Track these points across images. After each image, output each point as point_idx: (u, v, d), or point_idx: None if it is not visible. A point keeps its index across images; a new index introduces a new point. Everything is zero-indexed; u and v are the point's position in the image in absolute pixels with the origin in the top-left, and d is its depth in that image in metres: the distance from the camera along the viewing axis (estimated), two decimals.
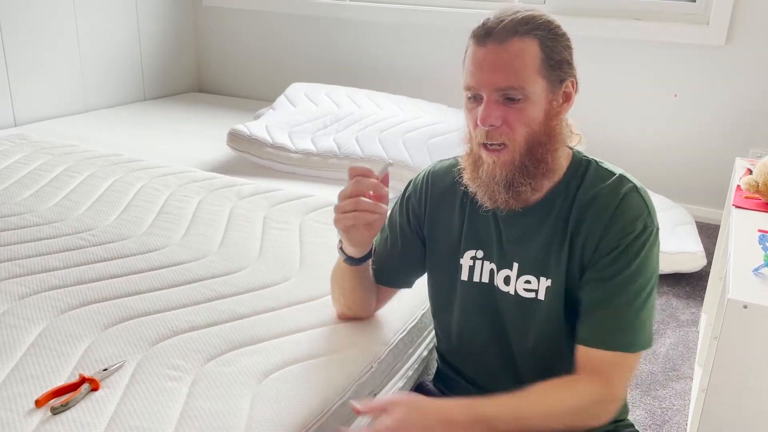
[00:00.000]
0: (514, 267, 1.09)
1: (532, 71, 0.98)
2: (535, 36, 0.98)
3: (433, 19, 3.43)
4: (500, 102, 0.99)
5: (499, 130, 0.99)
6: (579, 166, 1.07)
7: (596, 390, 1.00)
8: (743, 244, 1.41)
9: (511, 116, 0.99)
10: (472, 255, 1.13)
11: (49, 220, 1.83)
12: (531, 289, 1.08)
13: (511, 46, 0.97)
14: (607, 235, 1.01)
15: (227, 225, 1.85)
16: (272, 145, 2.65)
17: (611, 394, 1.00)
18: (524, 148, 1.00)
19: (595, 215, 1.02)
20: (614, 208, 1.01)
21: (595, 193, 1.03)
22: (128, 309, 1.38)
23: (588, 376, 1.01)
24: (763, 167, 1.65)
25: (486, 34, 0.99)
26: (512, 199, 1.03)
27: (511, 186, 1.02)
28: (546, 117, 1.01)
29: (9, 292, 1.42)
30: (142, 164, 2.35)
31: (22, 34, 3.10)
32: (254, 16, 3.95)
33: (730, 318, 1.16)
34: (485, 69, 0.98)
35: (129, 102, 3.75)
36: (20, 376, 1.15)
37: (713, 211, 3.13)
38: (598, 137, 3.24)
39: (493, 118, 0.98)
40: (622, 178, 1.04)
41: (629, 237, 1.00)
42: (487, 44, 0.98)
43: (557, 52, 1.00)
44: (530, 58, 0.98)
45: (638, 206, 1.01)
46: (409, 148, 2.60)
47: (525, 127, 0.99)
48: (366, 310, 1.32)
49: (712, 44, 2.95)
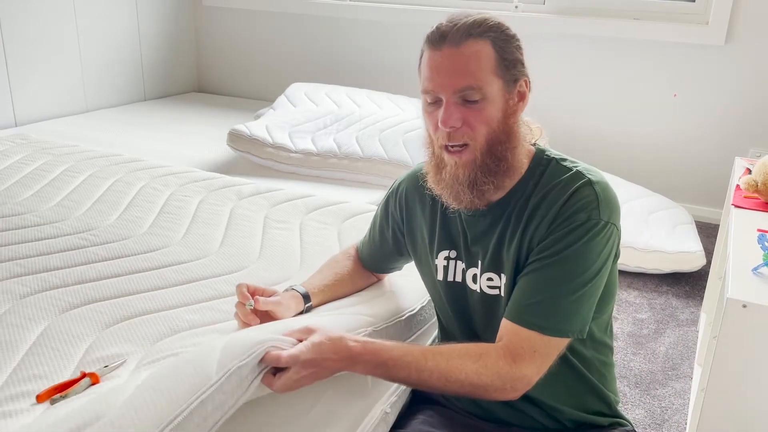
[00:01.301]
0: (478, 265, 1.12)
1: (488, 71, 1.00)
2: (487, 37, 1.01)
3: (434, 19, 3.43)
4: (459, 104, 1.01)
5: (460, 131, 1.02)
6: (539, 165, 1.09)
7: (503, 366, 1.00)
8: (742, 243, 1.41)
9: (471, 117, 1.01)
10: (446, 255, 1.16)
11: (50, 220, 1.84)
12: (494, 286, 1.11)
13: (465, 48, 1.00)
14: (553, 227, 1.02)
15: (228, 225, 1.86)
16: (272, 145, 2.65)
17: (517, 372, 1.00)
18: (485, 147, 1.03)
19: (545, 209, 1.04)
20: (564, 201, 1.02)
21: (549, 188, 1.05)
22: (129, 308, 1.38)
23: (500, 350, 1.01)
24: (763, 167, 1.65)
25: (441, 37, 1.01)
26: (476, 199, 1.05)
27: (474, 185, 1.04)
28: (504, 116, 1.03)
29: (10, 292, 1.42)
30: (142, 164, 2.35)
31: (22, 34, 3.10)
32: (254, 15, 3.95)
33: (730, 317, 1.16)
34: (442, 72, 1.01)
35: (129, 102, 3.75)
36: (22, 376, 1.15)
37: (713, 210, 3.14)
38: (597, 136, 3.25)
39: (453, 120, 1.01)
40: (578, 173, 1.05)
41: (570, 225, 1.01)
42: (442, 48, 1.01)
43: (509, 52, 1.03)
44: (485, 58, 1.00)
45: (587, 198, 1.02)
46: (410, 148, 2.61)
47: (485, 126, 1.01)
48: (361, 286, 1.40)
49: (712, 44, 2.95)
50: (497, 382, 1.00)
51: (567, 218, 1.02)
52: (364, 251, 1.37)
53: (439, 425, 1.18)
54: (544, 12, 3.26)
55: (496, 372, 1.00)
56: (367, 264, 1.37)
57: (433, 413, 1.21)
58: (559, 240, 1.01)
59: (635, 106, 3.18)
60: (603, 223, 1.02)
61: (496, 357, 1.01)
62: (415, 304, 1.43)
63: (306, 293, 1.25)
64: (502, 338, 1.03)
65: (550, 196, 1.04)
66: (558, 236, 1.01)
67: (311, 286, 1.28)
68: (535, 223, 1.04)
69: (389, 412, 1.25)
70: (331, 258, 1.40)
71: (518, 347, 1.01)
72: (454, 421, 1.18)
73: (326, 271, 1.34)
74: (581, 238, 1.00)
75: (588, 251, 1.01)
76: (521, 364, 1.00)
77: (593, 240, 1.01)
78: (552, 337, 1.01)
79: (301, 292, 1.24)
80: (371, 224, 1.36)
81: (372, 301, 1.34)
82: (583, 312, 1.03)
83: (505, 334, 1.03)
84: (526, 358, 1.01)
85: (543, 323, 1.01)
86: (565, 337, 1.02)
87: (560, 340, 1.02)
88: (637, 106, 3.17)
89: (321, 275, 1.33)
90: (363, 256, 1.37)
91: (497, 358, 1.01)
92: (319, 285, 1.29)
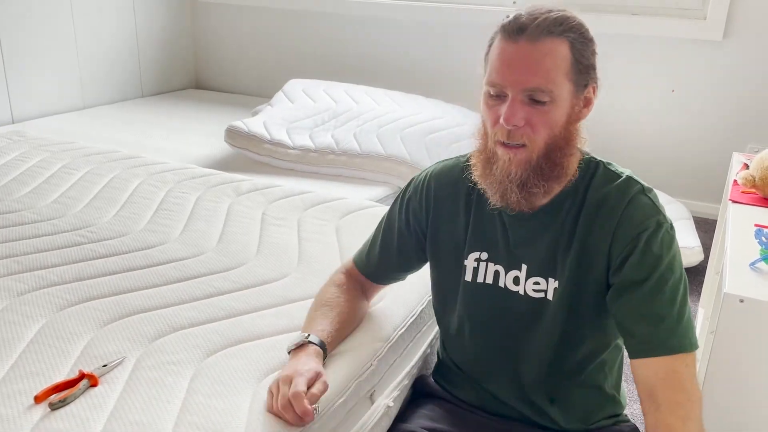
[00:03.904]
0: (522, 268, 1.09)
1: (561, 74, 0.96)
2: (567, 38, 0.96)
3: (432, 16, 3.43)
4: (525, 102, 0.96)
5: (521, 131, 0.97)
6: (588, 169, 1.06)
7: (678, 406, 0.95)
8: (740, 238, 1.41)
9: (535, 118, 0.96)
10: (476, 257, 1.12)
11: (47, 217, 1.83)
12: (540, 290, 1.08)
13: (543, 46, 0.95)
14: (618, 237, 1.00)
15: (225, 221, 1.86)
16: (270, 142, 2.65)
17: (696, 400, 0.96)
18: (543, 150, 0.99)
19: (603, 217, 1.01)
20: (622, 209, 1.00)
21: (604, 194, 1.03)
22: (127, 305, 1.38)
23: (670, 402, 0.95)
24: (760, 162, 1.65)
25: (519, 30, 0.96)
26: (524, 200, 1.01)
27: (524, 186, 1.00)
28: (567, 121, 0.99)
29: (8, 289, 1.42)
30: (139, 161, 2.35)
31: (19, 30, 3.09)
32: (251, 12, 3.94)
33: (727, 312, 1.16)
34: (514, 67, 0.95)
35: (126, 99, 3.74)
36: (20, 373, 1.15)
37: (710, 206, 3.14)
38: (595, 132, 3.24)
39: (517, 118, 0.96)
40: (630, 179, 1.04)
41: (644, 236, 0.98)
42: (518, 41, 0.95)
43: (586, 56, 0.99)
44: (561, 59, 0.96)
45: (647, 206, 1.01)
46: (408, 144, 2.60)
47: (547, 129, 0.97)
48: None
49: (710, 39, 2.95)
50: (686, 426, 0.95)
51: (634, 228, 0.99)
52: (368, 261, 1.26)
53: (441, 419, 1.18)
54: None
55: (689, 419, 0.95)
56: (371, 273, 1.27)
57: (435, 407, 1.22)
58: (643, 256, 0.98)
59: (633, 101, 3.17)
60: (670, 226, 1.01)
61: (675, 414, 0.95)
62: (416, 307, 1.43)
63: (322, 344, 1.14)
64: (656, 386, 0.96)
65: (606, 203, 1.02)
66: (640, 253, 0.98)
67: (324, 334, 1.16)
68: (596, 231, 1.02)
69: (392, 405, 1.26)
70: (327, 294, 1.25)
71: (681, 378, 0.96)
72: (455, 414, 1.19)
73: (329, 314, 1.20)
74: (662, 246, 0.98)
75: (675, 256, 1.00)
76: (693, 391, 0.96)
77: (672, 244, 1.00)
78: (693, 352, 0.98)
79: (317, 342, 1.13)
80: (379, 229, 1.26)
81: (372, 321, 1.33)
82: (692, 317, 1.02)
83: (657, 376, 0.97)
84: (691, 380, 0.97)
85: (685, 341, 0.97)
86: (697, 348, 0.99)
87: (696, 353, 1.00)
88: (634, 101, 3.17)
89: (327, 320, 1.19)
90: (365, 266, 1.27)
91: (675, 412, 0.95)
92: (329, 332, 1.17)
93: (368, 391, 1.25)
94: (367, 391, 1.24)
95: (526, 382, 1.12)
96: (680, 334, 0.97)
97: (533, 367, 1.11)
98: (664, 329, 0.97)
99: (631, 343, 1.00)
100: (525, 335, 1.11)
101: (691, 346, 0.98)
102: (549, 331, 1.08)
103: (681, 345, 0.97)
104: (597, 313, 1.06)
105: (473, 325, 1.16)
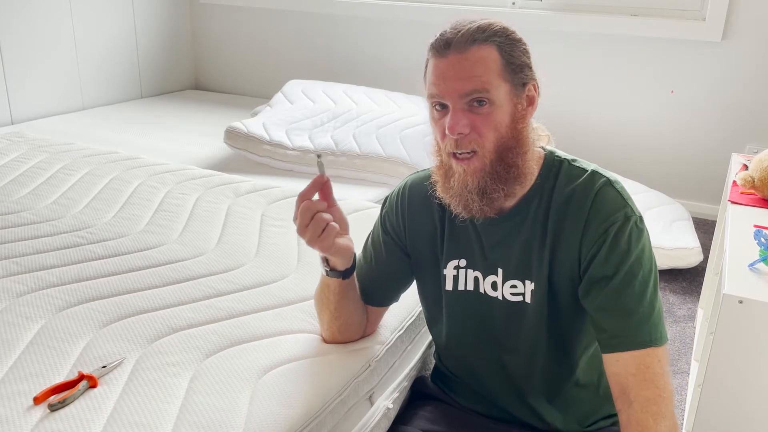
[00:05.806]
0: (499, 273, 1.10)
1: (495, 75, 0.98)
2: (493, 42, 0.99)
3: (432, 17, 3.43)
4: (466, 110, 0.98)
5: (468, 138, 0.99)
6: (551, 167, 1.07)
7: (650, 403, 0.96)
8: (739, 239, 1.42)
9: (479, 122, 0.98)
10: (455, 265, 1.13)
11: (47, 218, 1.83)
12: (518, 293, 1.08)
13: (471, 54, 0.98)
14: (588, 233, 1.01)
15: (225, 222, 1.86)
16: (269, 143, 2.65)
17: (661, 395, 0.97)
18: (494, 153, 1.00)
19: (573, 214, 1.02)
20: (590, 204, 1.01)
21: (570, 192, 1.03)
22: (126, 306, 1.38)
23: (642, 399, 0.96)
24: (759, 163, 1.65)
25: (445, 45, 1.00)
26: (486, 207, 1.03)
27: (484, 193, 1.01)
28: (512, 121, 1.01)
29: (7, 290, 1.42)
30: (139, 162, 2.35)
31: (18, 31, 3.09)
32: (251, 12, 3.94)
33: (726, 313, 1.16)
34: (448, 77, 0.99)
35: (126, 100, 3.74)
36: (19, 374, 1.15)
37: (710, 206, 3.14)
38: (594, 133, 3.25)
39: (461, 126, 0.98)
40: (594, 173, 1.04)
41: (612, 231, 0.99)
42: (447, 55, 0.99)
43: (516, 56, 1.01)
44: (491, 62, 0.98)
45: (614, 199, 1.01)
46: (407, 145, 2.61)
47: (493, 132, 0.99)
48: (357, 332, 1.26)
49: (709, 40, 2.95)
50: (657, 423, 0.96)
51: (602, 222, 0.99)
52: (362, 285, 1.22)
53: (440, 421, 1.19)
54: (541, 9, 3.26)
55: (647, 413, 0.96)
56: (367, 297, 1.23)
57: (434, 409, 1.22)
58: (611, 250, 0.98)
59: (632, 102, 3.17)
60: (638, 218, 1.01)
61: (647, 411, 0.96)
62: (413, 309, 1.43)
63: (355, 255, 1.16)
64: (628, 381, 0.98)
65: (573, 199, 1.02)
66: (608, 247, 0.99)
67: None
68: (566, 228, 1.02)
69: (391, 407, 1.26)
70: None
71: (653, 372, 0.97)
72: (454, 416, 1.19)
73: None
74: (631, 239, 0.99)
75: (643, 249, 1.00)
76: (664, 386, 0.97)
77: (641, 237, 1.00)
78: (664, 345, 0.99)
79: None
80: (366, 248, 1.24)
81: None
82: (662, 311, 1.02)
83: (628, 370, 0.98)
84: (662, 374, 0.97)
85: (655, 335, 0.98)
86: (666, 342, 1.00)
87: (667, 346, 1.01)
88: (633, 102, 3.17)
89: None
90: (362, 292, 1.23)
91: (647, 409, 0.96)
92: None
93: (367, 392, 1.25)
94: (366, 392, 1.25)
95: (520, 386, 1.13)
96: (650, 328, 0.99)
97: (525, 370, 1.12)
98: (634, 323, 0.98)
99: (602, 338, 1.01)
100: (510, 340, 1.12)
101: (661, 340, 0.99)
102: (534, 334, 1.09)
103: (651, 339, 0.98)
104: (578, 311, 1.06)
105: (460, 334, 1.16)
